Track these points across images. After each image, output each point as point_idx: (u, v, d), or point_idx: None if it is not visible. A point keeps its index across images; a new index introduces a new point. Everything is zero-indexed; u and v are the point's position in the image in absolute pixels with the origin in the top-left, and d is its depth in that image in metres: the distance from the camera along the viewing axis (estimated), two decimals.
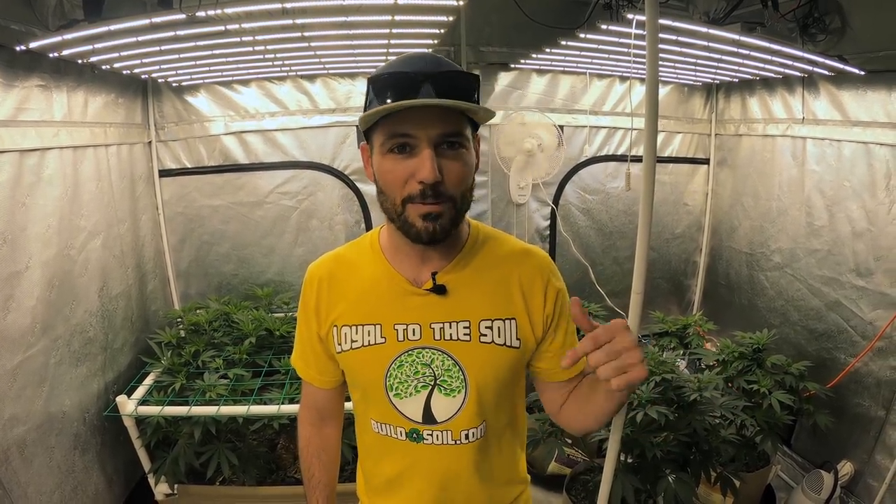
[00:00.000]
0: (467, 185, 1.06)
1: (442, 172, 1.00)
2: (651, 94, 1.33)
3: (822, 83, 2.90)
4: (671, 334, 3.12)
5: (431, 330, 1.14)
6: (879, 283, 2.62)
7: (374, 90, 1.03)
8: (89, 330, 2.51)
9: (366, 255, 1.22)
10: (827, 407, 2.64)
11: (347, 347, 1.18)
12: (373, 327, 1.16)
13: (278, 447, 2.76)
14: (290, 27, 2.08)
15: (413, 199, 1.02)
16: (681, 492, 2.19)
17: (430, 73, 0.99)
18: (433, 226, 1.03)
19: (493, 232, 1.25)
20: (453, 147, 1.02)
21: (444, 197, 1.02)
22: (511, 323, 1.16)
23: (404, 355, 1.15)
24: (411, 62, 1.04)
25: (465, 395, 1.15)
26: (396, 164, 1.02)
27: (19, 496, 2.02)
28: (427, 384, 1.15)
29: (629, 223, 3.92)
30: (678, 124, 3.84)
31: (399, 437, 1.19)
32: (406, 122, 0.99)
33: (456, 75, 1.02)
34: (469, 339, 1.14)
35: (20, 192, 2.08)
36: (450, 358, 1.14)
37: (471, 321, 1.14)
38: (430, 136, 0.99)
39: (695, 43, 2.40)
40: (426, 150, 0.99)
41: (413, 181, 1.01)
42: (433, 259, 1.15)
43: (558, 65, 3.36)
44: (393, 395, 1.16)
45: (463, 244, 1.19)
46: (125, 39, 2.00)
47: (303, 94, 3.29)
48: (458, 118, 1.02)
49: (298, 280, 3.44)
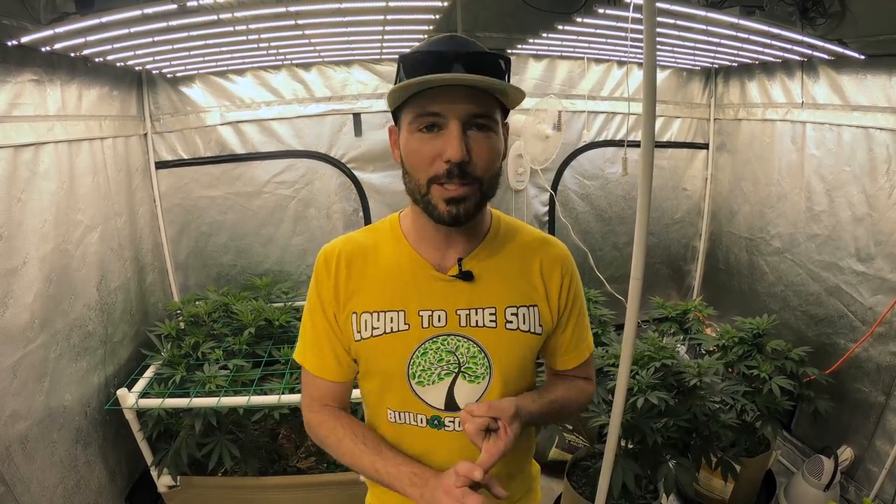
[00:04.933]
0: (494, 170, 1.05)
1: (470, 153, 0.99)
2: (649, 78, 1.32)
3: (822, 67, 2.88)
4: (671, 319, 3.12)
5: (457, 316, 1.13)
6: (880, 268, 2.61)
7: (405, 67, 1.02)
8: (88, 324, 2.51)
9: (386, 240, 1.19)
10: (827, 392, 2.64)
11: (368, 335, 1.14)
12: (396, 314, 1.14)
13: (280, 437, 2.77)
14: (283, 15, 2.05)
15: (438, 180, 1.01)
16: (681, 477, 2.20)
17: (462, 52, 0.98)
18: (457, 208, 1.02)
19: (513, 220, 1.26)
20: (482, 129, 1.01)
21: (470, 178, 1.01)
22: (534, 310, 1.17)
23: (429, 342, 1.13)
24: (443, 42, 1.03)
25: (488, 381, 1.15)
26: (423, 143, 1.01)
27: (22, 492, 2.03)
28: (451, 371, 1.15)
29: (628, 208, 3.92)
30: (677, 109, 3.82)
31: (419, 425, 1.18)
32: (435, 100, 0.99)
33: (487, 56, 1.01)
34: (495, 326, 1.14)
35: (16, 188, 2.07)
36: (475, 345, 1.14)
37: (497, 308, 1.14)
38: (459, 115, 0.98)
39: (693, 27, 2.37)
40: (455, 129, 0.98)
41: (440, 161, 1.00)
42: (458, 245, 1.14)
43: (555, 50, 3.33)
44: (415, 382, 1.15)
45: (486, 231, 1.18)
46: (117, 31, 1.98)
47: (298, 83, 3.27)
48: (488, 100, 1.01)
49: (297, 269, 3.49)
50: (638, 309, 1.54)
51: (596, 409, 2.30)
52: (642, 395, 2.19)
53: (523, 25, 3.03)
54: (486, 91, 1.00)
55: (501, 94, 1.01)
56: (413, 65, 1.00)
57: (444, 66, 0.97)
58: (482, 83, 0.96)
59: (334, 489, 2.56)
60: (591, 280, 3.73)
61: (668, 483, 2.21)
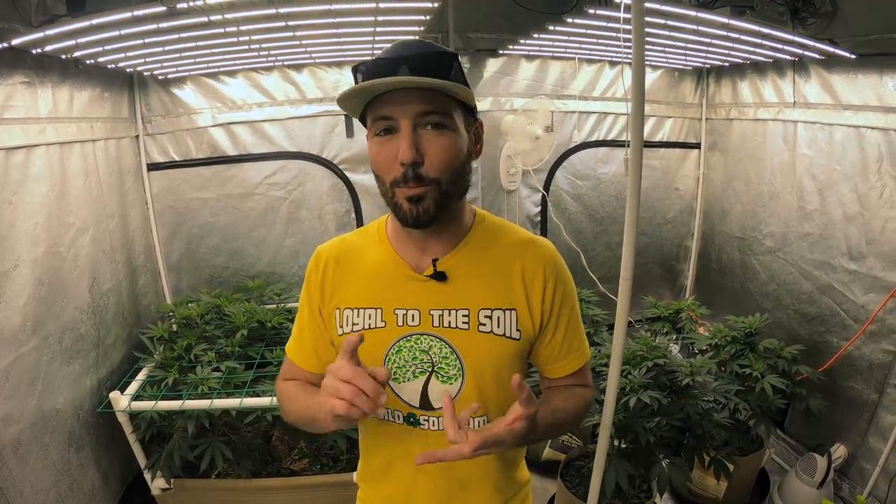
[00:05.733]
0: (454, 168, 1.05)
1: (424, 154, 1.01)
2: (638, 79, 1.32)
3: (813, 67, 2.89)
4: (664, 319, 3.12)
5: (430, 316, 1.14)
6: (871, 266, 2.63)
7: (355, 78, 1.04)
8: (81, 326, 2.50)
9: (373, 241, 1.23)
10: (820, 390, 2.66)
11: (349, 330, 1.18)
12: (374, 311, 1.17)
13: (273, 439, 2.77)
14: (274, 17, 2.05)
15: (398, 183, 1.03)
16: (675, 476, 2.20)
17: (406, 55, 0.99)
18: (416, 209, 1.03)
19: (500, 221, 1.25)
20: (437, 128, 1.02)
21: (425, 180, 1.02)
22: (511, 314, 1.15)
23: (403, 340, 1.15)
24: (392, 48, 1.04)
25: (462, 382, 1.15)
26: (382, 147, 1.04)
27: (15, 496, 2.02)
28: (425, 370, 1.16)
29: (620, 208, 3.91)
30: (669, 109, 3.83)
31: (397, 421, 1.20)
32: (387, 104, 1.01)
33: (431, 56, 1.01)
34: (467, 328, 1.14)
35: (7, 191, 2.06)
36: (447, 345, 1.14)
37: (470, 309, 1.14)
38: (409, 115, 1.00)
39: (684, 27, 2.38)
40: (404, 131, 1.00)
41: (397, 164, 1.01)
42: (434, 245, 1.16)
43: (547, 50, 3.34)
44: (391, 379, 1.16)
45: (466, 232, 1.19)
46: (108, 33, 1.98)
47: (290, 84, 3.27)
48: (441, 98, 1.01)
49: (289, 271, 3.49)
50: (627, 308, 1.54)
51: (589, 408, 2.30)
52: (635, 394, 2.19)
53: (515, 26, 3.03)
54: (440, 90, 1.00)
55: (453, 91, 1.01)
56: (364, 73, 1.02)
57: (389, 71, 0.98)
58: (415, 83, 0.97)
59: (327, 491, 2.56)
60: (584, 280, 3.73)
61: (662, 482, 2.21)
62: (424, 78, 0.96)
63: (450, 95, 1.02)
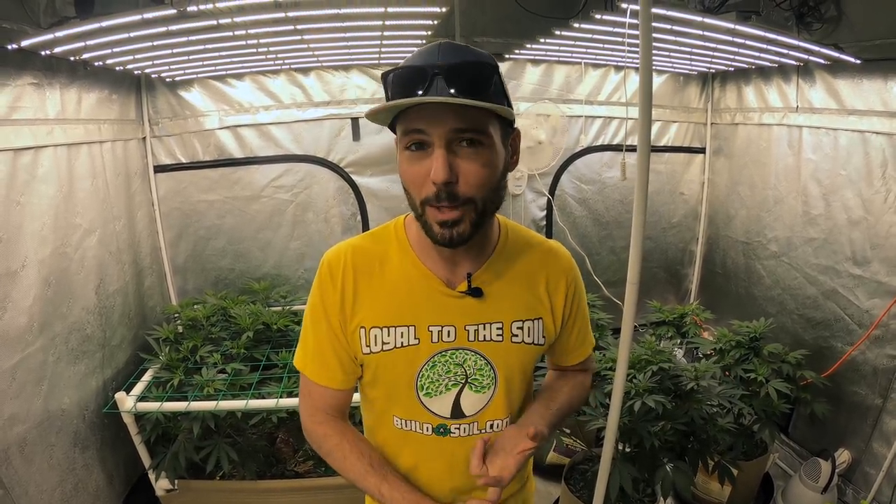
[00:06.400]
0: (490, 186, 1.00)
1: (458, 173, 0.95)
2: (645, 83, 1.32)
3: (818, 72, 2.89)
4: (668, 323, 3.11)
5: (466, 332, 1.14)
6: (876, 271, 2.62)
7: (386, 86, 0.98)
8: (87, 327, 2.51)
9: (393, 249, 1.16)
10: (824, 395, 2.65)
11: (378, 349, 1.13)
12: (406, 329, 1.12)
13: (277, 441, 2.77)
14: (282, 20, 2.06)
15: (430, 202, 0.97)
16: (679, 480, 2.20)
17: (441, 65, 0.93)
18: (450, 233, 0.98)
19: (519, 229, 1.24)
20: (472, 144, 0.95)
21: (459, 200, 0.96)
22: (538, 323, 1.19)
23: (437, 356, 1.14)
24: (424, 55, 0.98)
25: (493, 390, 1.18)
26: (413, 164, 0.98)
27: (20, 495, 2.03)
28: (458, 382, 1.16)
29: (625, 213, 3.92)
30: (674, 113, 3.83)
31: (425, 433, 1.19)
32: (420, 118, 0.94)
33: (469, 67, 0.95)
34: (501, 340, 1.15)
35: (15, 191, 2.07)
36: (482, 358, 1.15)
37: (504, 322, 1.15)
38: (443, 132, 0.93)
39: (690, 32, 2.39)
40: (438, 149, 0.94)
41: (429, 182, 0.95)
42: (466, 260, 1.12)
43: (553, 55, 3.35)
44: (423, 394, 1.16)
45: (495, 243, 1.17)
46: (117, 36, 1.99)
47: (297, 88, 3.28)
48: (477, 112, 0.93)
49: (295, 273, 3.49)
50: (634, 313, 1.54)
51: (593, 412, 2.30)
52: (639, 398, 2.19)
53: (521, 31, 3.04)
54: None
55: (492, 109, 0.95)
56: (394, 82, 0.96)
57: (423, 82, 0.93)
58: (452, 102, 0.91)
59: (332, 493, 2.56)
60: (589, 284, 3.71)
61: (666, 486, 2.21)
62: (461, 99, 0.90)
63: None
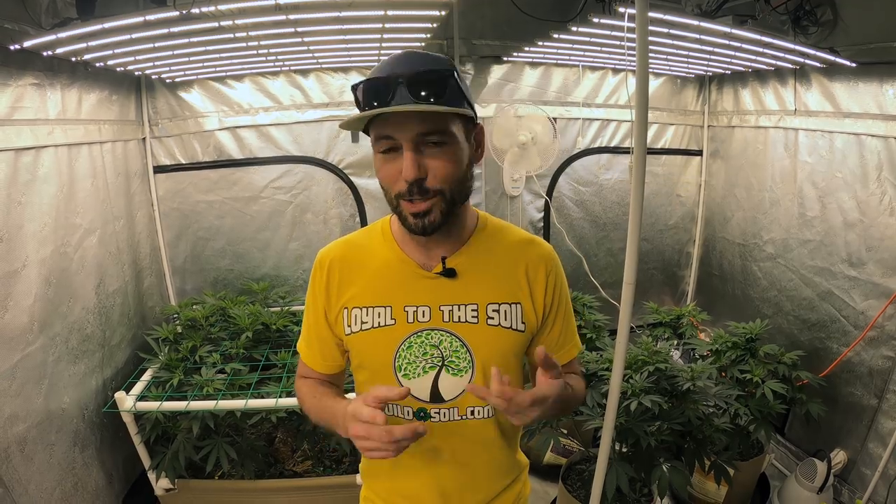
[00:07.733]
0: (457, 178, 1.09)
1: (426, 169, 1.05)
2: (641, 86, 1.34)
3: (814, 75, 2.91)
4: (665, 324, 3.14)
5: (441, 312, 1.19)
6: (871, 273, 2.64)
7: (355, 98, 1.08)
8: (87, 327, 2.52)
9: (378, 241, 1.26)
10: (820, 396, 2.67)
11: (357, 329, 1.21)
12: (383, 309, 1.20)
13: (276, 441, 2.78)
14: (283, 23, 2.07)
15: (403, 196, 1.07)
16: (675, 480, 2.21)
17: (403, 73, 1.02)
18: (422, 222, 1.08)
19: (500, 222, 1.30)
20: (438, 144, 1.05)
21: (430, 193, 1.06)
22: (517, 307, 1.21)
23: (413, 337, 1.19)
24: (388, 65, 1.07)
25: (471, 374, 1.20)
26: (386, 164, 1.08)
27: (20, 494, 2.03)
28: (435, 365, 1.19)
29: (623, 214, 3.93)
30: (671, 116, 3.85)
31: (406, 417, 1.23)
32: (388, 124, 1.04)
33: (427, 74, 1.04)
34: (477, 322, 1.19)
35: (16, 191, 2.08)
36: (458, 339, 1.18)
37: (479, 304, 1.19)
38: (409, 137, 1.03)
39: (687, 35, 2.40)
40: (407, 151, 1.03)
41: (401, 179, 1.05)
42: (442, 245, 1.20)
43: (551, 57, 3.36)
44: (401, 375, 1.20)
45: (471, 232, 1.23)
46: (118, 37, 2.00)
47: (296, 89, 3.29)
48: (439, 117, 1.04)
49: (294, 274, 3.51)
50: (630, 313, 1.56)
51: (590, 412, 2.32)
52: (636, 398, 2.20)
53: (519, 33, 3.06)
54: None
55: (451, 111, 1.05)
56: (363, 93, 1.05)
57: (388, 91, 1.02)
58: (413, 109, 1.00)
59: (330, 492, 2.57)
60: (586, 285, 3.74)
61: (662, 486, 2.22)
62: (421, 105, 1.00)
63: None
